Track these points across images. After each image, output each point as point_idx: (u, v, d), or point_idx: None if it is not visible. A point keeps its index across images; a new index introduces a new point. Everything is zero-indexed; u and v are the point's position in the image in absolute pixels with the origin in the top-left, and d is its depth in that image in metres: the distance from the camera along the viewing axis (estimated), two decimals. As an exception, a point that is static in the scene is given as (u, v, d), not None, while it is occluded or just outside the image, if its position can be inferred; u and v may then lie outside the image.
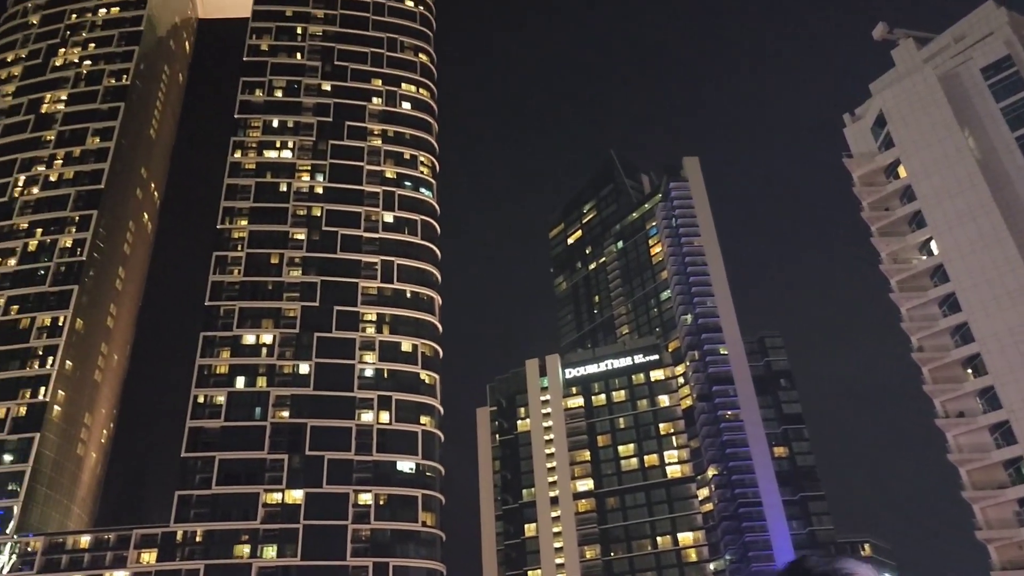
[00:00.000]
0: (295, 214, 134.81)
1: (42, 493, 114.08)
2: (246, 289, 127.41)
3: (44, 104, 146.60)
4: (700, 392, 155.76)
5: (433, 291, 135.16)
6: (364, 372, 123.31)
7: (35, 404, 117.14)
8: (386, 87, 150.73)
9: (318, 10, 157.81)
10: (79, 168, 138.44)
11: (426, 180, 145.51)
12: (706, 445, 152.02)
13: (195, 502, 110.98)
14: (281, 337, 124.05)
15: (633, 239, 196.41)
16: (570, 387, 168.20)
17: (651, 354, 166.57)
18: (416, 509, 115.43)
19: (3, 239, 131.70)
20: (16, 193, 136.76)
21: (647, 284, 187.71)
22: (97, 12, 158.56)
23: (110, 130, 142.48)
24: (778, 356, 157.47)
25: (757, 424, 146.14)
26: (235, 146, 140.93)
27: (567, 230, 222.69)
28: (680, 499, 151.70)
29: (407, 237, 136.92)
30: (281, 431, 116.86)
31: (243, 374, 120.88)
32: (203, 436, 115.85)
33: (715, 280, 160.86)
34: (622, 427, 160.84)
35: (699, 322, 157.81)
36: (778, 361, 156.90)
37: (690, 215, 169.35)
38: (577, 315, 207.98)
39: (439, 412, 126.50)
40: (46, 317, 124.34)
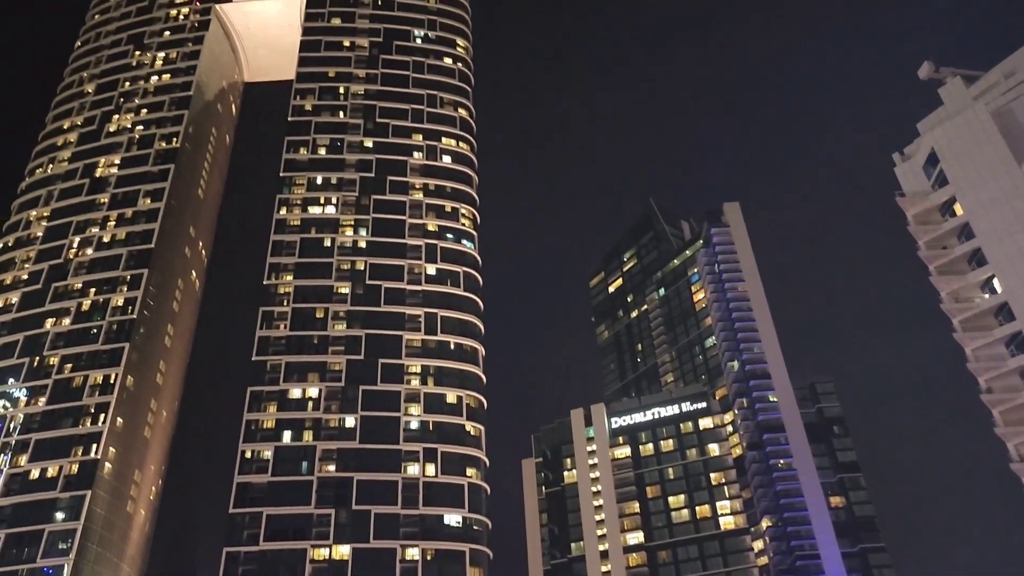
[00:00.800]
0: (339, 268, 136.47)
1: (93, 551, 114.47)
2: (292, 343, 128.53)
3: (98, 168, 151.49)
4: (750, 440, 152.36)
5: (476, 342, 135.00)
6: (409, 424, 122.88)
7: (87, 462, 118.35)
8: (427, 142, 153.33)
9: (360, 70, 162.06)
10: (131, 229, 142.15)
11: (467, 232, 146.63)
12: (759, 495, 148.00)
13: (243, 559, 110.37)
14: (327, 391, 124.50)
15: (675, 286, 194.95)
16: (617, 437, 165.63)
17: (699, 402, 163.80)
18: (464, 564, 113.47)
19: (58, 300, 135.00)
20: (71, 255, 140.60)
21: (691, 331, 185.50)
22: (149, 79, 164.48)
23: (160, 191, 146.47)
24: (830, 402, 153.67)
25: (811, 473, 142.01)
26: (280, 203, 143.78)
27: (607, 278, 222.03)
28: (734, 552, 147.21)
29: (450, 289, 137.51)
30: (328, 485, 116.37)
31: (290, 428, 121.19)
32: (250, 491, 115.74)
33: (761, 326, 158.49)
34: (672, 477, 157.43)
35: (746, 369, 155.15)
36: (830, 408, 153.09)
37: (733, 260, 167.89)
38: (620, 364, 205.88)
39: (485, 464, 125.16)
40: (98, 375, 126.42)
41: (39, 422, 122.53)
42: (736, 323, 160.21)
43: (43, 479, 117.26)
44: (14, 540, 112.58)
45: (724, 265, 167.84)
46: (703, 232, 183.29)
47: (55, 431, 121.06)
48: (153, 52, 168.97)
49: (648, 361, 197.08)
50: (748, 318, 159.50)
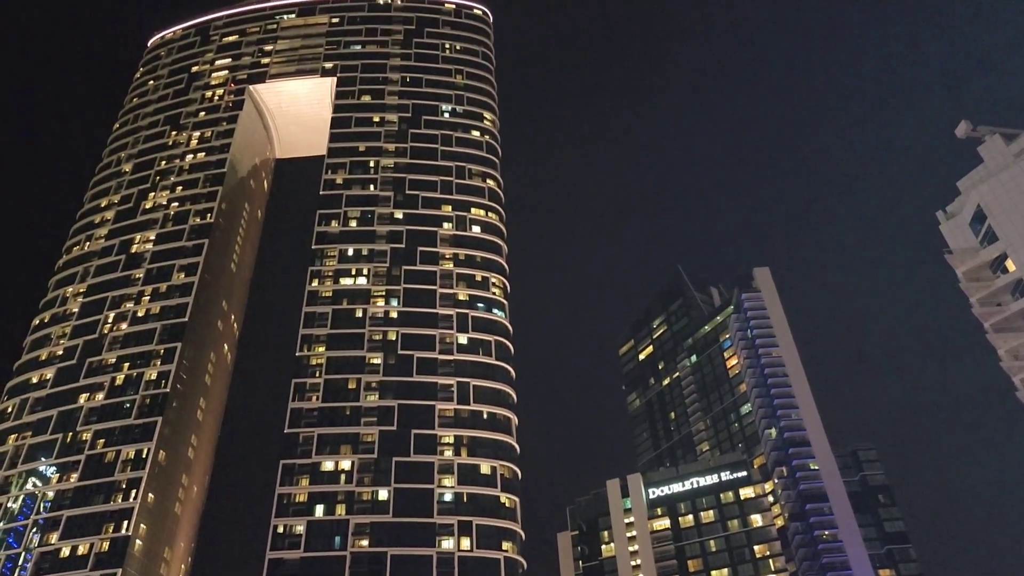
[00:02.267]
0: (371, 339, 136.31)
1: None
2: (325, 415, 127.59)
3: (134, 244, 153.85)
4: (792, 511, 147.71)
5: (510, 411, 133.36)
6: (443, 496, 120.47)
7: (118, 539, 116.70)
8: (456, 212, 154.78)
9: (389, 144, 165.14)
10: (165, 303, 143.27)
11: (498, 301, 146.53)
12: (803, 569, 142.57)
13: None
14: (360, 463, 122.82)
15: (707, 352, 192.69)
16: (655, 508, 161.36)
17: (739, 471, 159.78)
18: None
19: (92, 375, 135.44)
20: (105, 330, 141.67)
21: (725, 398, 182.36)
22: (184, 158, 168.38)
23: (195, 266, 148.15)
24: (874, 470, 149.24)
25: (858, 544, 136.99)
26: (312, 275, 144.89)
27: (637, 346, 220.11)
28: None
29: (482, 358, 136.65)
30: (361, 561, 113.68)
31: (322, 502, 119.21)
32: (283, 568, 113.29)
33: (798, 392, 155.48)
34: (714, 550, 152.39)
35: (785, 436, 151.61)
36: (875, 476, 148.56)
37: (766, 326, 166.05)
38: (653, 432, 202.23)
39: (521, 537, 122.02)
40: (130, 450, 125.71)
41: (71, 499, 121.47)
42: (772, 389, 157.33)
43: (74, 557, 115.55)
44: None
45: (757, 331, 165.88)
46: (734, 298, 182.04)
47: (86, 508, 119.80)
48: (189, 132, 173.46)
49: (682, 429, 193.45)
50: (784, 384, 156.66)
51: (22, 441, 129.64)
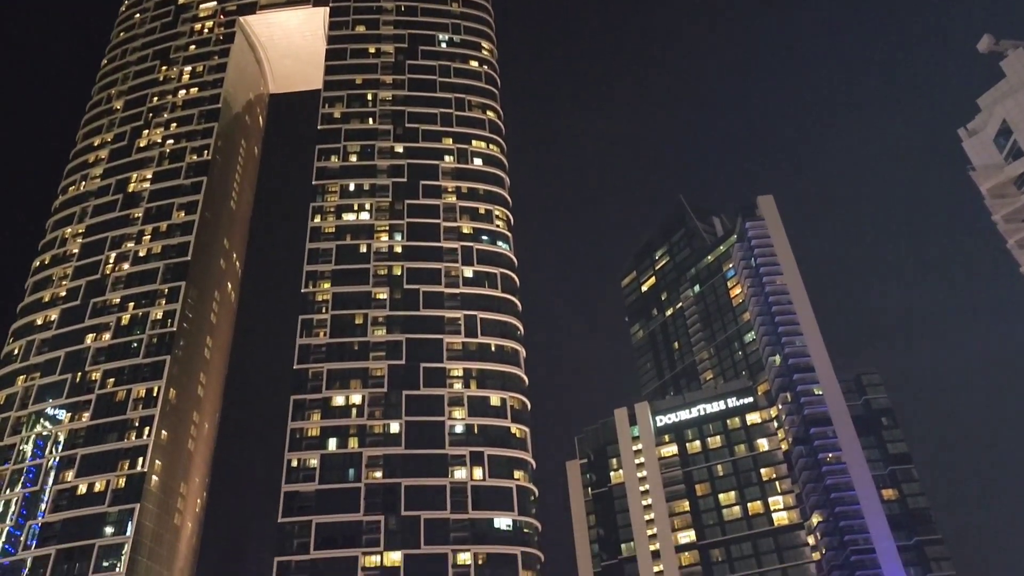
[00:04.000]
0: (376, 274, 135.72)
1: (143, 565, 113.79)
2: (333, 350, 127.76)
3: (131, 184, 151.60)
4: (796, 435, 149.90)
5: (517, 343, 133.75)
6: (454, 428, 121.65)
7: (134, 475, 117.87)
8: (457, 145, 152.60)
9: (386, 76, 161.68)
10: (166, 242, 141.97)
11: (502, 233, 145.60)
12: (807, 491, 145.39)
13: (294, 568, 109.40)
14: (370, 397, 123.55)
15: (710, 282, 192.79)
16: (662, 435, 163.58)
17: (744, 397, 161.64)
18: (516, 567, 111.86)
19: (97, 315, 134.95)
20: (108, 270, 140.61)
21: (729, 327, 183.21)
22: (177, 94, 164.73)
23: (194, 204, 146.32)
24: (877, 394, 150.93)
25: (862, 466, 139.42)
26: (314, 211, 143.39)
27: (640, 278, 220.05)
28: (790, 548, 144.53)
29: (488, 291, 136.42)
30: (376, 492, 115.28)
31: (335, 436, 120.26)
32: (298, 500, 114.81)
33: (802, 318, 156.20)
34: (721, 474, 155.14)
35: (789, 363, 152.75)
36: (878, 399, 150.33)
37: (770, 254, 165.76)
38: (657, 363, 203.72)
39: (532, 466, 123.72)
40: (141, 388, 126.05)
41: (84, 437, 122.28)
42: (776, 317, 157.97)
43: (91, 494, 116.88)
44: (64, 556, 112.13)
45: (761, 259, 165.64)
46: (737, 227, 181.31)
47: (101, 446, 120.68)
48: (179, 66, 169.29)
49: (686, 359, 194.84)
50: (788, 311, 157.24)
51: (31, 382, 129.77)
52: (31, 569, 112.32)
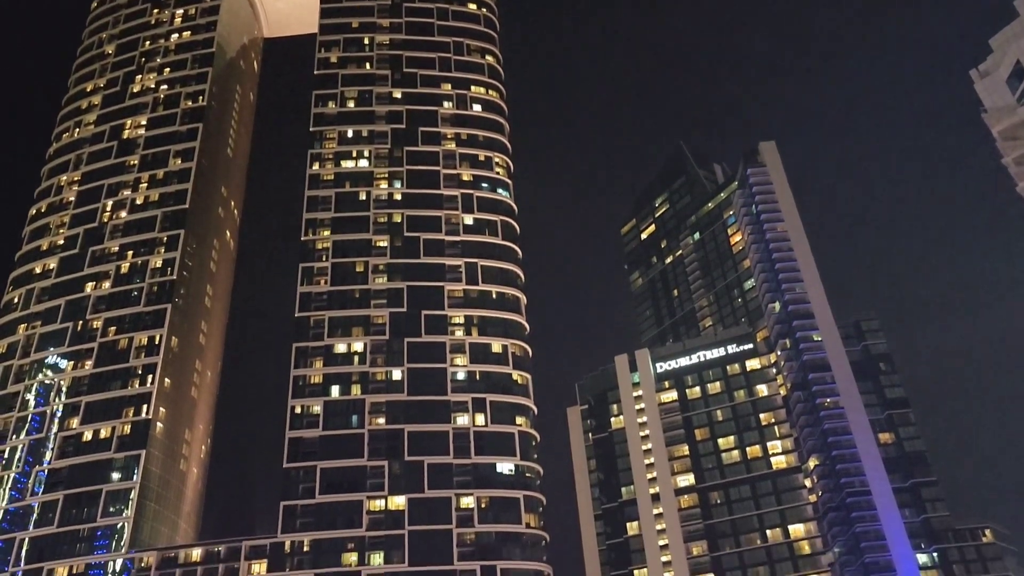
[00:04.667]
0: (376, 222, 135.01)
1: (151, 509, 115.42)
2: (334, 298, 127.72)
3: (125, 130, 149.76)
4: (795, 381, 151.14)
5: (518, 291, 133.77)
6: (456, 375, 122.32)
7: (139, 422, 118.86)
8: (456, 91, 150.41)
9: (383, 19, 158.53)
10: (163, 190, 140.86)
11: (502, 180, 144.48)
12: (804, 435, 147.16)
13: (300, 512, 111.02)
14: (372, 344, 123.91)
15: (710, 229, 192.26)
16: (662, 381, 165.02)
17: (744, 343, 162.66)
18: (519, 511, 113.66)
19: (96, 263, 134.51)
20: (105, 218, 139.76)
21: (729, 274, 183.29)
22: (170, 38, 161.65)
23: (191, 151, 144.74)
24: (876, 339, 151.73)
25: (859, 411, 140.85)
26: (313, 158, 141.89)
27: (639, 225, 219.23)
28: (788, 490, 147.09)
29: (488, 238, 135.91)
30: (379, 438, 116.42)
31: (337, 383, 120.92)
32: (303, 446, 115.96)
33: (803, 265, 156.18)
34: (720, 419, 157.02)
35: (789, 309, 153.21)
36: (876, 344, 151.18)
37: (771, 200, 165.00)
38: (656, 310, 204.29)
39: (533, 412, 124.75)
40: (143, 337, 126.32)
41: (87, 385, 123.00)
42: (776, 264, 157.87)
43: (96, 440, 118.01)
44: (72, 501, 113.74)
45: (762, 206, 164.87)
46: (739, 173, 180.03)
47: (104, 393, 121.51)
48: (171, 9, 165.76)
49: (685, 306, 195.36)
50: (789, 258, 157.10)
51: (32, 331, 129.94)
52: (40, 514, 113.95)
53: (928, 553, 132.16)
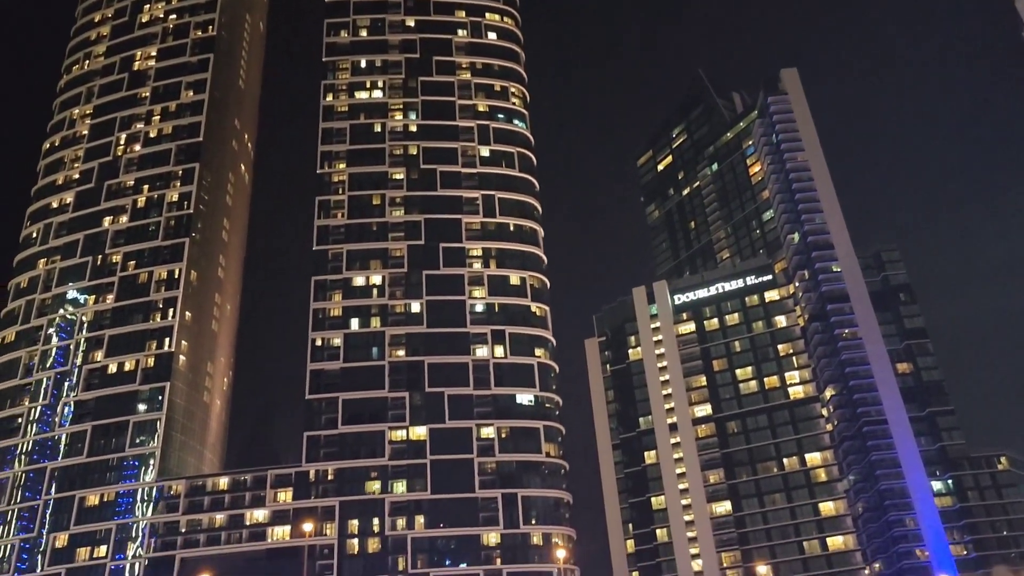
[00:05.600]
0: (392, 154, 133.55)
1: (177, 440, 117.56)
2: (352, 231, 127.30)
3: (136, 62, 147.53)
4: (812, 312, 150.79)
5: (535, 223, 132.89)
6: (475, 307, 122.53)
7: (162, 355, 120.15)
8: (470, 18, 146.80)
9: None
10: (176, 122, 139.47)
11: (519, 111, 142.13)
12: (821, 366, 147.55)
13: (323, 442, 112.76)
14: (390, 277, 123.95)
15: (729, 160, 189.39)
16: (680, 313, 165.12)
17: (764, 274, 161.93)
18: (539, 440, 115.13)
19: (112, 197, 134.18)
20: (119, 152, 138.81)
21: (747, 205, 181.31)
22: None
23: (202, 83, 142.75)
24: (896, 270, 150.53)
25: (877, 341, 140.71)
26: (326, 89, 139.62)
27: (656, 156, 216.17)
28: (805, 419, 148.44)
29: (505, 170, 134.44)
30: (399, 369, 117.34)
31: (357, 315, 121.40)
32: (324, 378, 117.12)
33: (823, 195, 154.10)
34: (738, 350, 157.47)
35: (808, 240, 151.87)
36: (896, 275, 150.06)
37: (792, 129, 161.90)
38: (673, 242, 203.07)
39: (552, 344, 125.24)
40: (162, 270, 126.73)
41: (110, 319, 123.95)
42: (796, 194, 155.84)
43: (121, 373, 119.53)
44: (101, 432, 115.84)
45: (783, 135, 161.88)
46: (759, 102, 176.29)
47: (127, 327, 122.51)
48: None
49: (702, 238, 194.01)
50: (809, 188, 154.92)
51: (52, 265, 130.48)
52: (68, 444, 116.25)
53: (943, 480, 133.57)
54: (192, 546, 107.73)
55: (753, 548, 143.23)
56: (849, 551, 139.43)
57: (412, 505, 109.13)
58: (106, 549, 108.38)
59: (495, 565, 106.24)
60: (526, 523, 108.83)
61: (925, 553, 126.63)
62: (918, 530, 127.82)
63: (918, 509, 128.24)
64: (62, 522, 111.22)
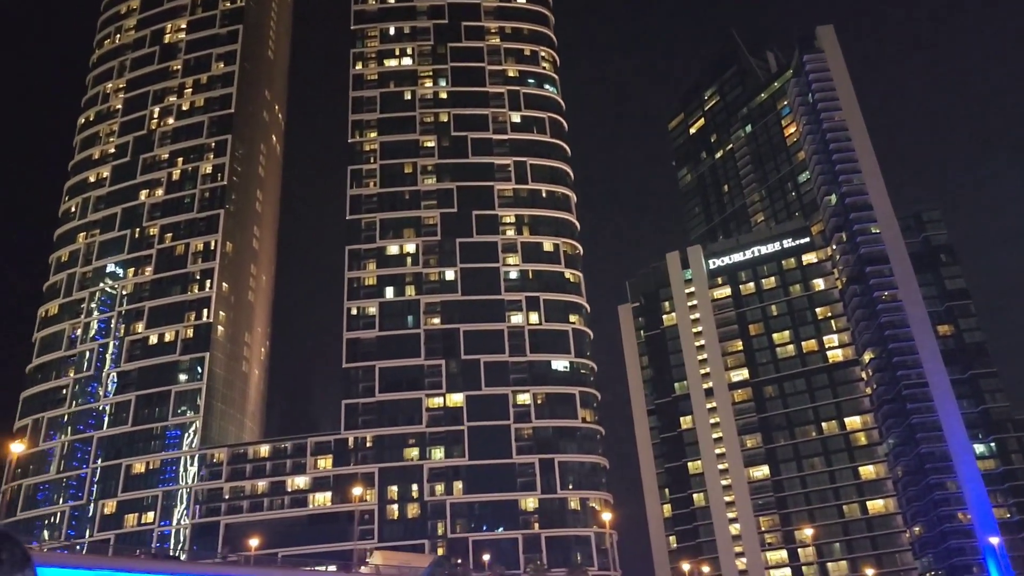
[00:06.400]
0: (423, 121, 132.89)
1: (218, 408, 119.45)
2: (384, 200, 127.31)
3: (166, 34, 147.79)
4: (851, 274, 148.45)
5: (568, 189, 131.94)
6: (509, 274, 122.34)
7: (201, 325, 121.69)
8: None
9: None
10: (208, 94, 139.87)
11: (549, 76, 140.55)
12: (860, 329, 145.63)
13: (361, 410, 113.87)
14: (424, 245, 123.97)
15: (763, 121, 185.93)
16: (715, 278, 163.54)
17: (801, 237, 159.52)
18: (574, 406, 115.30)
19: (148, 171, 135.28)
20: (153, 125, 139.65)
21: (782, 167, 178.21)
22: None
23: (232, 54, 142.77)
24: (937, 230, 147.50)
25: (917, 303, 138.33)
26: (355, 58, 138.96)
27: (688, 120, 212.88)
28: (844, 383, 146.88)
29: (537, 136, 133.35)
30: (435, 337, 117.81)
31: (391, 284, 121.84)
32: (360, 347, 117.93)
33: (861, 155, 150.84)
34: (775, 314, 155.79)
35: (846, 201, 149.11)
36: (937, 235, 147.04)
37: (828, 88, 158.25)
38: (705, 207, 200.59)
39: (586, 310, 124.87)
40: (198, 242, 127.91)
41: (149, 290, 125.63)
42: (833, 155, 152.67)
43: (162, 343, 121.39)
44: (144, 401, 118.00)
45: (819, 94, 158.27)
46: (794, 61, 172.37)
47: (166, 298, 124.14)
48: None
49: (736, 202, 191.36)
50: (847, 148, 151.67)
51: (91, 239, 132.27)
52: (114, 414, 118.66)
53: (986, 443, 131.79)
54: (235, 512, 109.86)
55: (792, 512, 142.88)
56: (889, 514, 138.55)
57: (450, 471, 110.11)
58: (153, 515, 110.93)
59: (533, 530, 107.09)
60: (563, 488, 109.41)
61: (967, 516, 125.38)
62: (960, 493, 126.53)
63: (960, 472, 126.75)
64: (110, 489, 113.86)
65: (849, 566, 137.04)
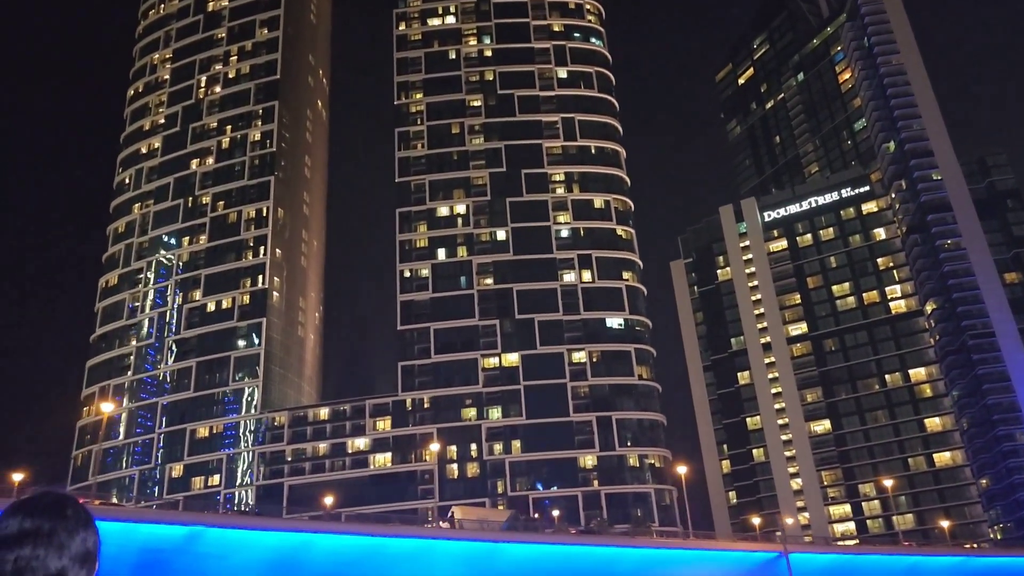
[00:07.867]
0: (468, 81, 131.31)
1: (277, 373, 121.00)
2: (432, 161, 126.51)
3: (210, 2, 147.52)
4: (911, 223, 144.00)
5: (617, 144, 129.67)
6: (560, 232, 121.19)
7: (256, 291, 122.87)
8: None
9: None
10: (253, 61, 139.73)
11: (595, 29, 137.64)
12: (922, 279, 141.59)
13: (417, 371, 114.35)
14: (474, 206, 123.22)
15: (816, 68, 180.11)
16: (771, 230, 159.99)
17: (860, 186, 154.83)
18: (630, 363, 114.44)
19: (197, 140, 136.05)
20: (200, 94, 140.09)
21: (837, 115, 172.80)
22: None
23: (276, 19, 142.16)
24: (1003, 175, 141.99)
25: (982, 251, 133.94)
26: (398, 18, 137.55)
27: (736, 70, 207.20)
28: (908, 334, 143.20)
29: (584, 91, 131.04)
30: (489, 298, 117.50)
31: (443, 246, 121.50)
32: (414, 309, 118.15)
33: (921, 100, 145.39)
34: (834, 266, 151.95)
35: (905, 148, 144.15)
36: (1003, 180, 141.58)
37: (885, 31, 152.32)
38: (756, 159, 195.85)
39: (639, 267, 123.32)
40: (250, 209, 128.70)
41: (204, 258, 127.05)
42: (891, 100, 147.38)
43: (219, 311, 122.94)
44: (204, 367, 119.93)
45: (875, 37, 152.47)
46: (848, 4, 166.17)
47: (221, 266, 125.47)
48: None
49: (788, 153, 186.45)
50: (906, 93, 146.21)
51: (146, 209, 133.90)
52: (175, 381, 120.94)
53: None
54: (298, 474, 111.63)
55: (855, 466, 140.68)
56: (957, 467, 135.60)
57: (508, 430, 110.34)
58: (219, 478, 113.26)
59: (593, 487, 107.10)
60: (621, 445, 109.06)
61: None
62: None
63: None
64: (175, 453, 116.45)
65: (915, 519, 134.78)
